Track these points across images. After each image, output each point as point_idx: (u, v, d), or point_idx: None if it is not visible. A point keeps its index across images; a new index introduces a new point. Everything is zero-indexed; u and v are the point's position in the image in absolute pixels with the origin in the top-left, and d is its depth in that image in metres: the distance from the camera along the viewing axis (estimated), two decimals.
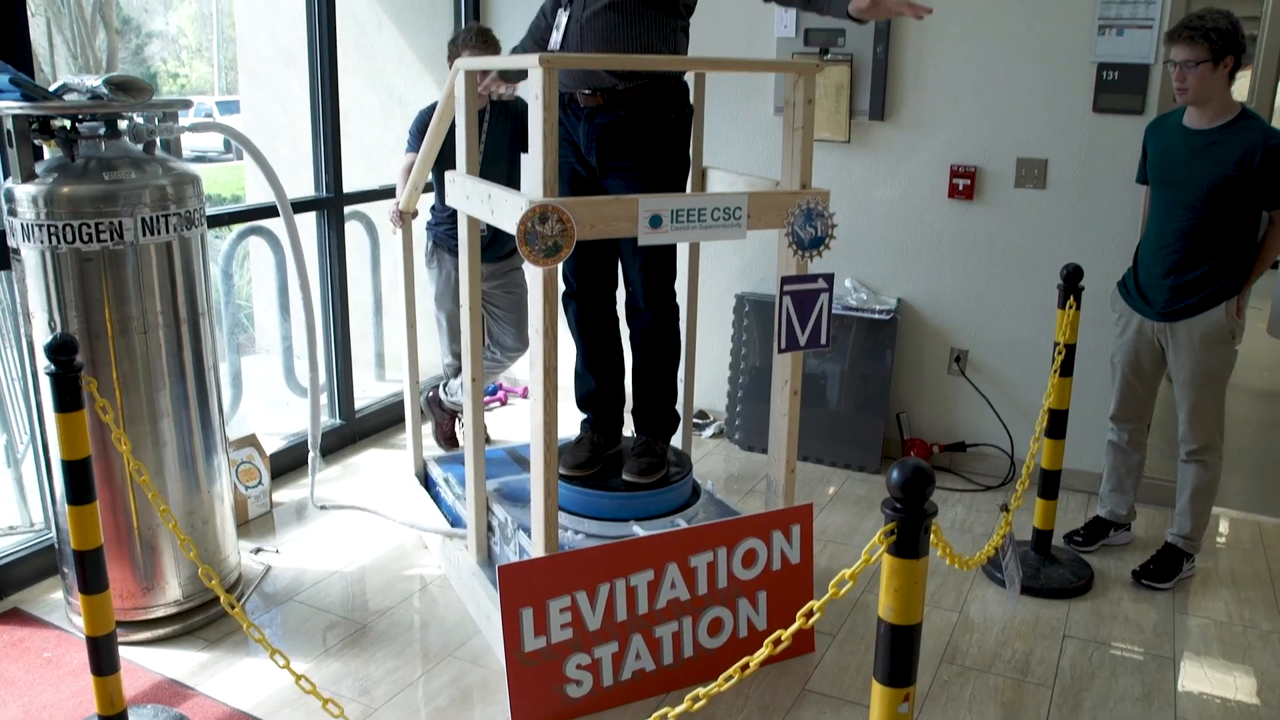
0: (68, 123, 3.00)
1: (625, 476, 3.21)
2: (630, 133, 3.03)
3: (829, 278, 2.71)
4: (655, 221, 2.37)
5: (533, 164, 2.35)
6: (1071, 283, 3.50)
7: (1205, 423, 3.51)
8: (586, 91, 3.02)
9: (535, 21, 3.30)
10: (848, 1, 2.67)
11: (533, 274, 2.39)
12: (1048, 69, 4.16)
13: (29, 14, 3.28)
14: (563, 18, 3.03)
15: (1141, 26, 3.99)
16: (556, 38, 3.03)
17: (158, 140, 3.16)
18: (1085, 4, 4.05)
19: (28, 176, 2.92)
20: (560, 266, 2.44)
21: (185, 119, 3.25)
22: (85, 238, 2.90)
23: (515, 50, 3.35)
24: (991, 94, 4.26)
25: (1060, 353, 3.53)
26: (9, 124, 2.91)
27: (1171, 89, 3.64)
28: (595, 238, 2.37)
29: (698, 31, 3.43)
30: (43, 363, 2.67)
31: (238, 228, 4.64)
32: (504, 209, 2.47)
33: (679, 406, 3.50)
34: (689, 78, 3.26)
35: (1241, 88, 3.83)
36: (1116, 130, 4.08)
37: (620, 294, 3.36)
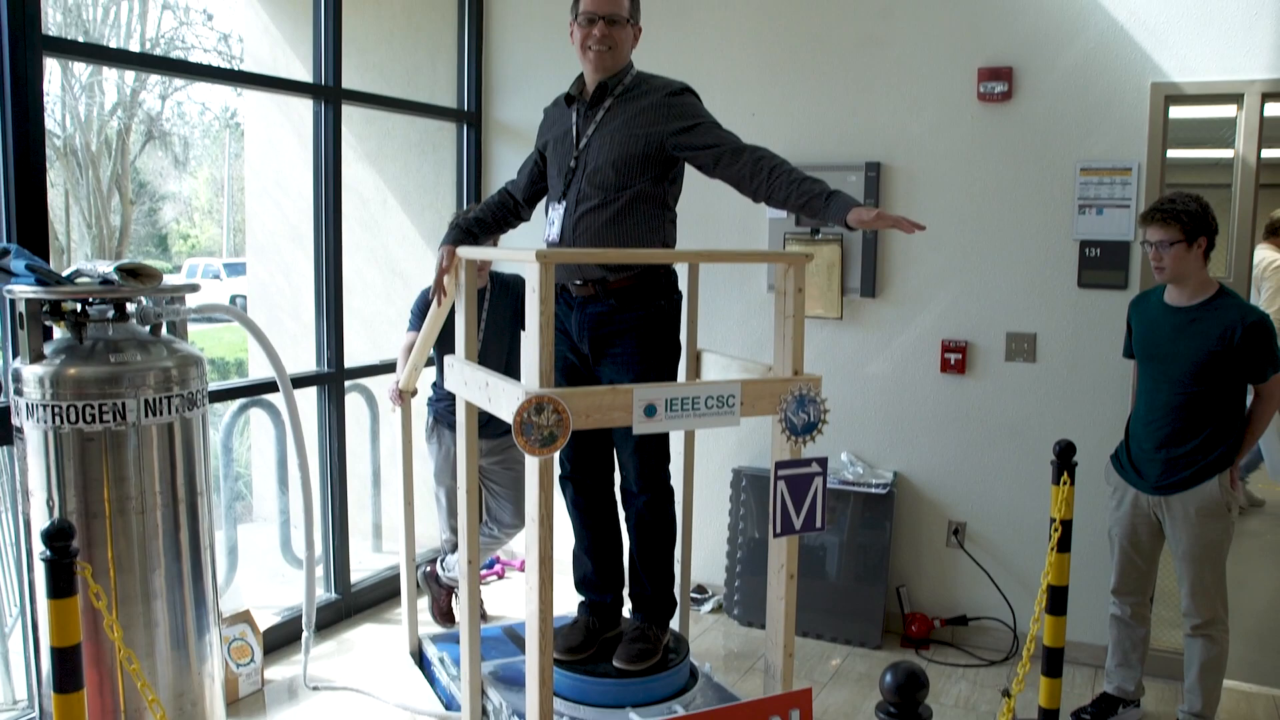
0: (78, 306, 3.07)
1: (616, 663, 3.16)
2: (621, 321, 3.10)
3: (823, 461, 2.74)
4: (650, 411, 2.41)
5: (529, 355, 2.40)
6: (1064, 459, 3.50)
7: (1208, 596, 3.48)
8: (578, 282, 3.10)
9: (498, 199, 3.39)
10: (846, 211, 2.68)
11: (530, 462, 2.42)
12: (1032, 246, 4.29)
13: (48, 185, 3.41)
14: (556, 212, 3.12)
15: (1119, 206, 4.14)
16: (552, 232, 3.12)
17: (164, 322, 3.23)
18: (1065, 186, 4.21)
19: (36, 357, 2.98)
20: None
21: (192, 301, 3.34)
22: (88, 418, 2.94)
23: (463, 216, 3.40)
24: (979, 271, 4.39)
25: (1056, 529, 3.50)
26: (21, 307, 2.98)
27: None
28: (591, 427, 2.41)
29: (690, 211, 3.56)
30: (38, 547, 2.67)
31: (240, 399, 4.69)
32: (501, 398, 2.51)
33: (677, 583, 3.47)
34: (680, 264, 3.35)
35: (1219, 262, 3.93)
36: (1101, 305, 4.18)
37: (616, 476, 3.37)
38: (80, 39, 12.42)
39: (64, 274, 3.09)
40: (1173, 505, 3.48)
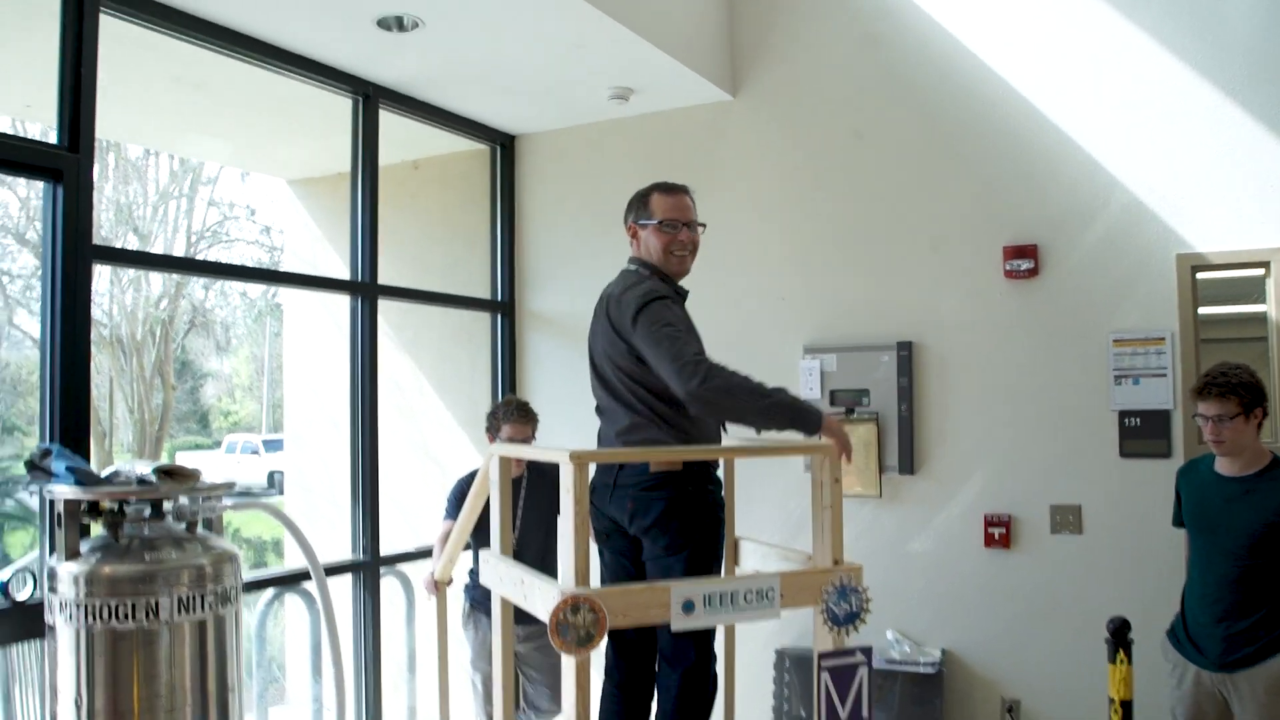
0: (116, 505, 3.09)
1: None
2: None
3: (867, 650, 2.66)
4: (688, 607, 2.37)
5: (565, 553, 2.38)
6: (1120, 636, 3.39)
7: None
8: None
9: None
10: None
11: (567, 660, 2.37)
12: (1071, 418, 4.27)
13: (94, 372, 3.49)
14: None
15: (1156, 375, 4.12)
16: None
17: (200, 519, 3.24)
18: (1099, 357, 4.23)
19: (72, 555, 2.98)
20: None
21: (228, 498, 3.34)
22: (121, 616, 2.91)
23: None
24: (1018, 444, 4.36)
25: (1116, 711, 3.37)
26: (60, 507, 3.00)
27: (1195, 432, 3.69)
28: (629, 625, 2.37)
29: None
30: None
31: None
32: (536, 596, 2.48)
33: None
34: None
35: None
36: (1145, 474, 4.13)
37: None
38: (131, 234, 12.98)
39: (103, 474, 3.12)
40: (1239, 683, 3.32)
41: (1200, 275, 4.13)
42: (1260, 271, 4.05)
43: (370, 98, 4.66)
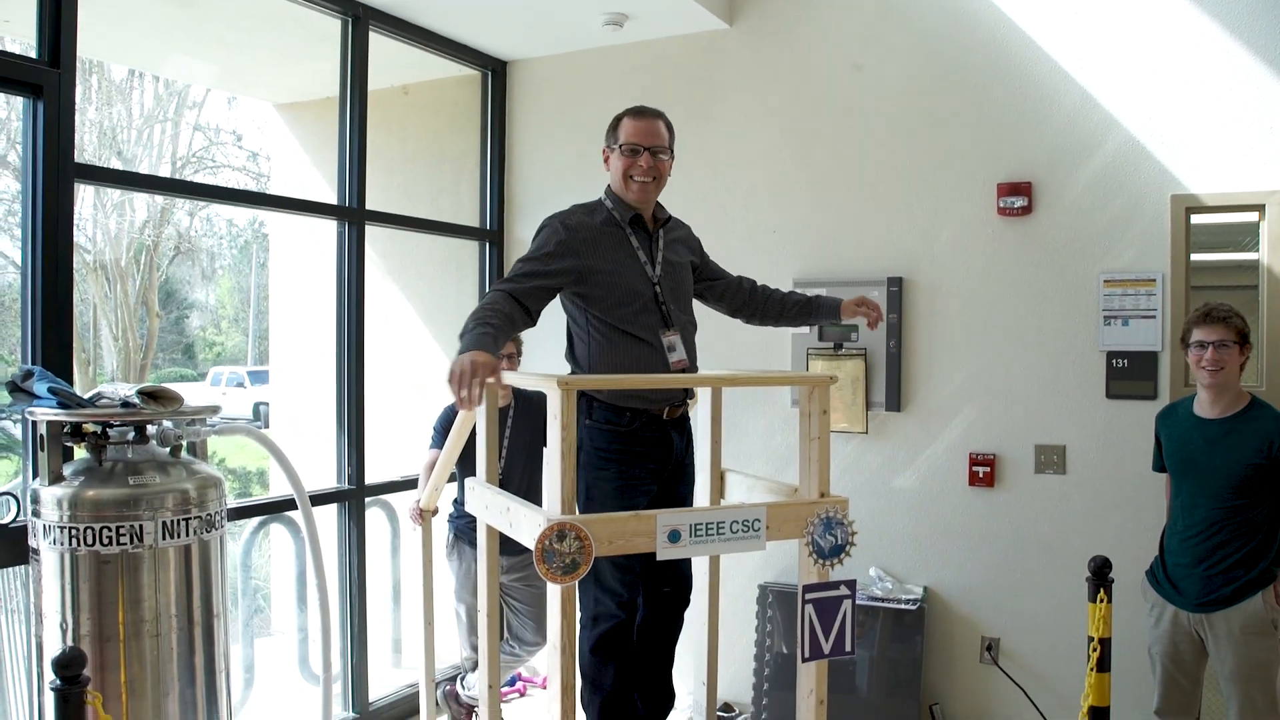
0: (99, 428, 3.07)
1: None
2: (689, 436, 3.25)
3: (850, 584, 2.67)
4: (674, 537, 2.37)
5: (551, 481, 2.37)
6: (1100, 576, 3.41)
7: (1260, 719, 3.33)
8: (676, 404, 3.11)
9: (510, 311, 2.87)
10: (836, 307, 3.24)
11: (552, 590, 2.37)
12: (1059, 358, 4.25)
13: (79, 299, 3.44)
14: (671, 338, 3.06)
15: (1145, 316, 4.11)
16: (677, 357, 3.07)
17: (184, 443, 3.22)
18: (1088, 297, 4.20)
19: (55, 479, 2.97)
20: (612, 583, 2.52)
21: (212, 422, 3.33)
22: (105, 540, 2.92)
23: (488, 324, 2.79)
24: (1005, 383, 4.35)
25: (1095, 649, 3.40)
26: (43, 429, 2.98)
27: (1182, 375, 3.69)
28: (614, 554, 2.36)
29: (716, 332, 3.55)
30: (49, 674, 2.62)
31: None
32: (522, 524, 2.48)
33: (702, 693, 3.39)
34: None
35: (1250, 371, 3.87)
36: (1131, 415, 4.12)
37: None
38: (114, 158, 12.78)
39: (85, 396, 3.09)
40: (1215, 622, 3.36)
41: (1194, 219, 4.10)
42: (1254, 216, 4.02)
43: (360, 19, 4.55)
